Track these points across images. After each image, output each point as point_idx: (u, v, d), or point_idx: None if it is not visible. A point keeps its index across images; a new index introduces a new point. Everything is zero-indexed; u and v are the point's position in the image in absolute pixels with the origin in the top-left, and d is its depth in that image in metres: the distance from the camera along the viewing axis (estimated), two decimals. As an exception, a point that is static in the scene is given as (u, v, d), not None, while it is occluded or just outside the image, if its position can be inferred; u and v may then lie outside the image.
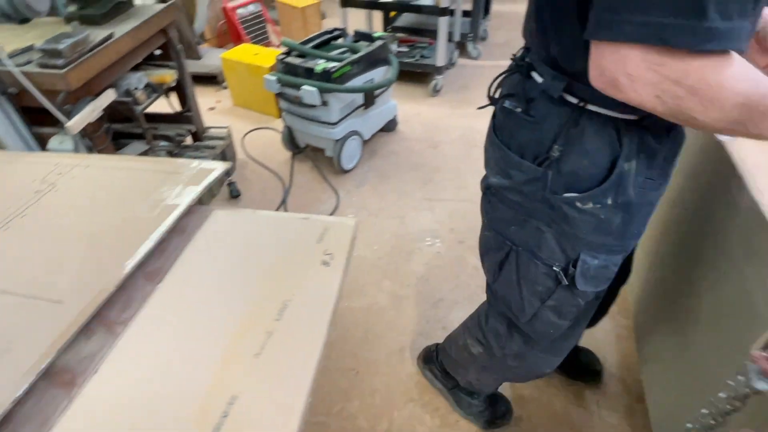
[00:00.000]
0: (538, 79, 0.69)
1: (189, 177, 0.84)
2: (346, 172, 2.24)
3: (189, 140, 2.17)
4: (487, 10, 3.48)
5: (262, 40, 3.47)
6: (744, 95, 0.45)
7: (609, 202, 0.68)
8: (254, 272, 0.69)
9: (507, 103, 0.75)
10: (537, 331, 0.92)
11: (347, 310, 1.63)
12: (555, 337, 0.92)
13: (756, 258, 0.71)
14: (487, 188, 0.86)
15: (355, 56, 2.02)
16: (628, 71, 0.46)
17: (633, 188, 0.67)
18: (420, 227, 1.96)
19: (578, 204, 0.69)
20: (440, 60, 2.75)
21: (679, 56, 0.43)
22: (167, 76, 1.87)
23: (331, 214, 2.02)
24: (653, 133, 0.66)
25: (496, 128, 0.79)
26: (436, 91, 2.86)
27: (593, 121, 0.65)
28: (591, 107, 0.64)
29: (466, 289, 1.70)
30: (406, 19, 3.50)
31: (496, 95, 0.81)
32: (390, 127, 2.51)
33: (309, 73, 1.94)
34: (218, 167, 0.85)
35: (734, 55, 0.44)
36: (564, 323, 0.88)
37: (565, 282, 0.78)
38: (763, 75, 0.46)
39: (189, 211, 0.80)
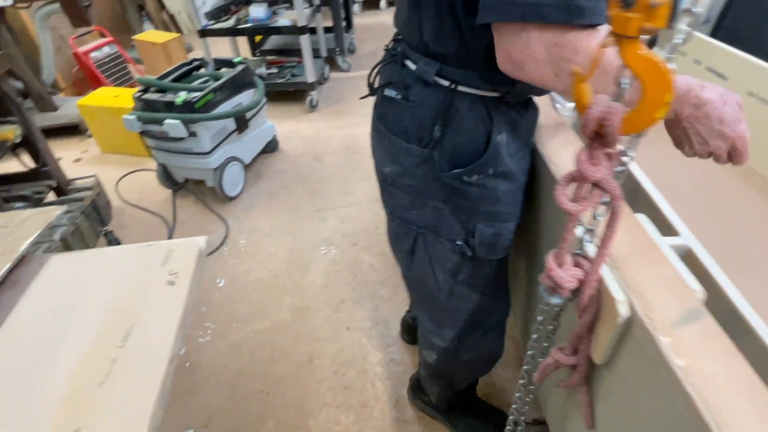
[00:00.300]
0: (412, 66, 0.74)
1: (18, 228, 0.80)
2: (232, 199, 2.22)
3: (52, 196, 2.01)
4: (349, 24, 3.64)
5: (125, 81, 3.32)
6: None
7: (491, 172, 0.75)
8: (96, 307, 0.68)
9: (387, 92, 0.78)
10: (458, 308, 0.95)
11: (250, 334, 1.62)
12: (479, 315, 0.96)
13: (548, 200, 0.85)
14: (383, 179, 0.87)
15: (217, 83, 2.02)
16: (531, 53, 0.52)
17: (508, 158, 0.75)
18: (313, 238, 2.00)
19: (465, 178, 0.75)
20: (310, 77, 2.82)
21: (569, 36, 0.50)
22: (9, 132, 1.73)
23: (222, 243, 1.99)
24: (515, 108, 0.74)
25: (379, 118, 0.82)
26: (312, 107, 2.92)
27: (465, 100, 0.71)
28: (461, 88, 0.70)
29: (365, 287, 1.76)
30: (272, 41, 3.54)
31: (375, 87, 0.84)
32: (271, 147, 2.52)
33: (170, 107, 1.91)
34: (51, 212, 0.82)
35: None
36: (479, 297, 0.92)
37: (470, 253, 0.83)
38: None
39: (23, 262, 0.76)
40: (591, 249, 0.61)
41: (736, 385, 0.46)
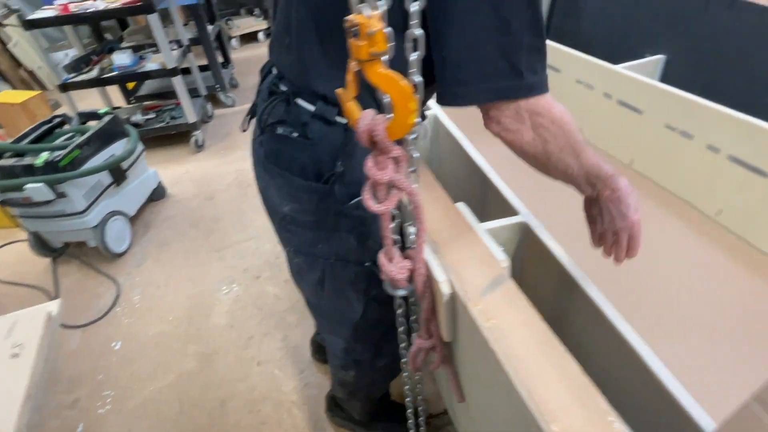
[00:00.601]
0: (308, 106, 0.73)
1: None
2: (120, 255, 2.10)
3: None
4: (227, 60, 3.62)
5: (-17, 149, 3.01)
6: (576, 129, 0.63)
7: None
8: (-74, 399, 0.63)
9: (280, 130, 0.77)
10: (372, 321, 0.97)
11: (155, 392, 1.53)
12: (391, 322, 0.96)
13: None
14: (282, 219, 0.86)
15: (83, 138, 1.92)
16: (520, 121, 0.60)
17: None
18: (214, 279, 1.95)
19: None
20: (191, 117, 2.76)
21: (543, 103, 0.59)
22: None
23: (114, 304, 1.87)
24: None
25: (268, 157, 0.79)
26: (199, 147, 2.86)
27: None
28: None
29: (273, 318, 1.75)
30: (148, 86, 3.42)
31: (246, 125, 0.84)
32: (158, 195, 2.43)
33: (30, 170, 1.77)
34: None
35: None
36: (385, 308, 0.94)
37: (379, 272, 0.87)
38: None
39: None
40: (419, 241, 0.69)
41: (528, 335, 0.55)
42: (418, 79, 0.50)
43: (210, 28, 3.22)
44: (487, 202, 1.12)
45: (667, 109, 1.38)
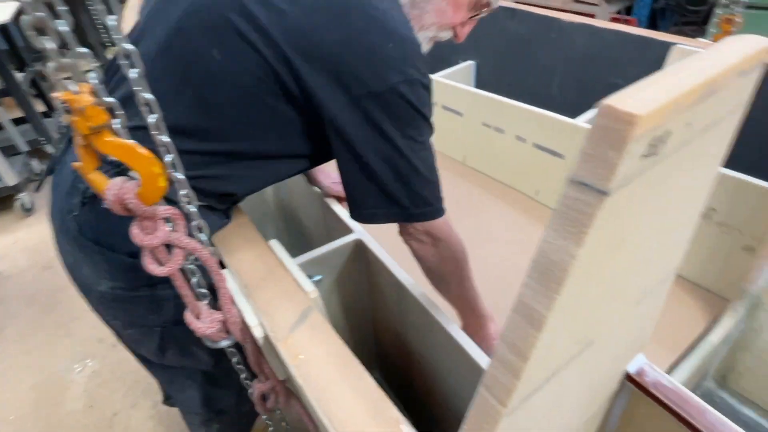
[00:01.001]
0: None
1: None
2: (-66, 358, 1.75)
3: None
4: (50, 107, 3.23)
5: None
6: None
7: None
8: None
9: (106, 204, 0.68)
10: (228, 368, 0.89)
11: None
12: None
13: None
14: (100, 298, 0.78)
15: None
16: (426, 237, 0.74)
17: None
18: (62, 359, 1.72)
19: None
20: (10, 179, 2.41)
21: (445, 228, 0.75)
22: None
23: (-69, 419, 1.56)
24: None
25: (83, 231, 0.71)
26: (27, 210, 2.50)
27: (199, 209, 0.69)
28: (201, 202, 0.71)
29: (138, 386, 1.60)
30: (-49, 150, 2.91)
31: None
32: (-22, 276, 2.08)
33: None
34: None
35: None
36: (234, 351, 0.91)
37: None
38: None
39: None
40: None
41: (330, 362, 0.57)
42: (166, 139, 0.50)
43: (21, 75, 2.85)
44: (330, 224, 1.16)
45: (481, 110, 1.55)
